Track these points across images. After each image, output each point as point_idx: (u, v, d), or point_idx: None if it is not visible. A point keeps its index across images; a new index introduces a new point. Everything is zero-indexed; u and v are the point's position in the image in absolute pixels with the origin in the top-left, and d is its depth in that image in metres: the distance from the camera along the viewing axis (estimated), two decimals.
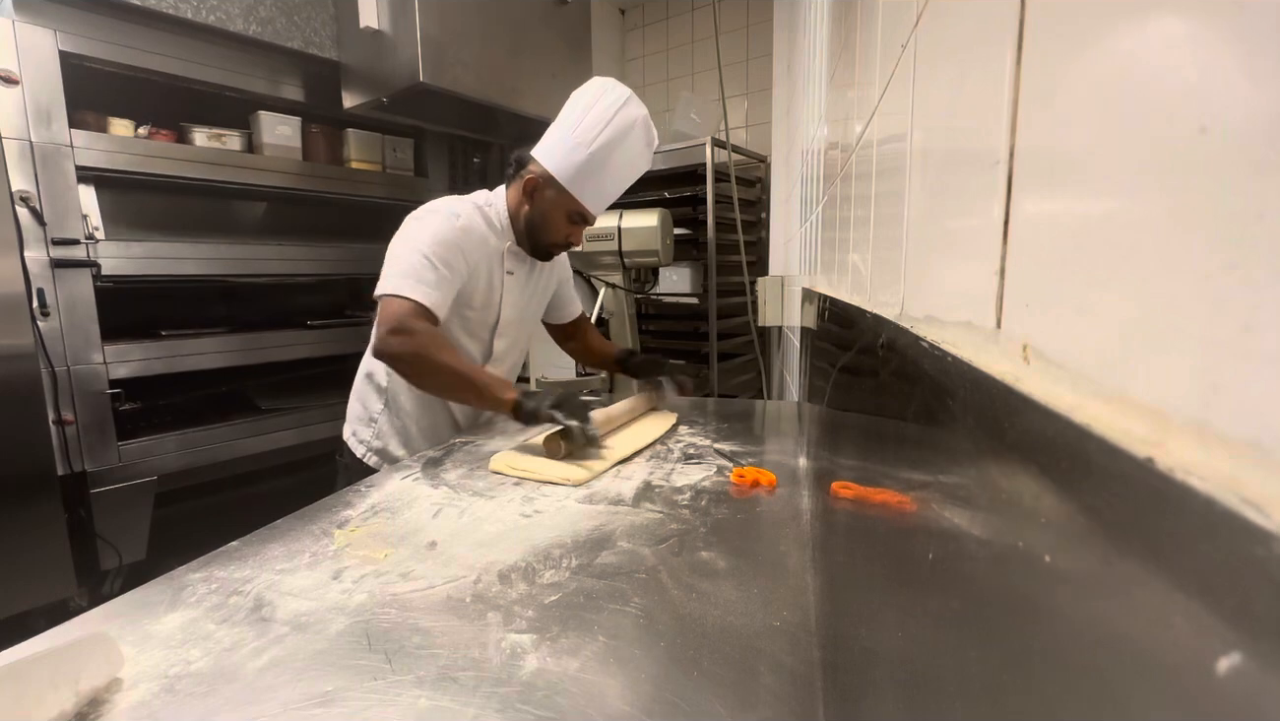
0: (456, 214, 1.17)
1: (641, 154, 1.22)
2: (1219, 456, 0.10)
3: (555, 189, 1.18)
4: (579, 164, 1.16)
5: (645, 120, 1.19)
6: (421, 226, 1.15)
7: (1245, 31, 0.10)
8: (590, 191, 1.19)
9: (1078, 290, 0.16)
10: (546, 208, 1.21)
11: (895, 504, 0.33)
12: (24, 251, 1.53)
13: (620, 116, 1.15)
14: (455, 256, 1.14)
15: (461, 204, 1.21)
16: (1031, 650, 0.16)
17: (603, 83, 1.20)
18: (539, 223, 1.23)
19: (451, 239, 1.14)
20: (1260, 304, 0.10)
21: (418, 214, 1.19)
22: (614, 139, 1.15)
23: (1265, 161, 0.10)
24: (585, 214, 1.22)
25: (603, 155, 1.16)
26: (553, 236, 1.24)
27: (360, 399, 1.32)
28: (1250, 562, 0.09)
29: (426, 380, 1.13)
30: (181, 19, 1.83)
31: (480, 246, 1.19)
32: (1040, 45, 0.19)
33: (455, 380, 1.10)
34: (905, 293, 0.35)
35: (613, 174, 1.20)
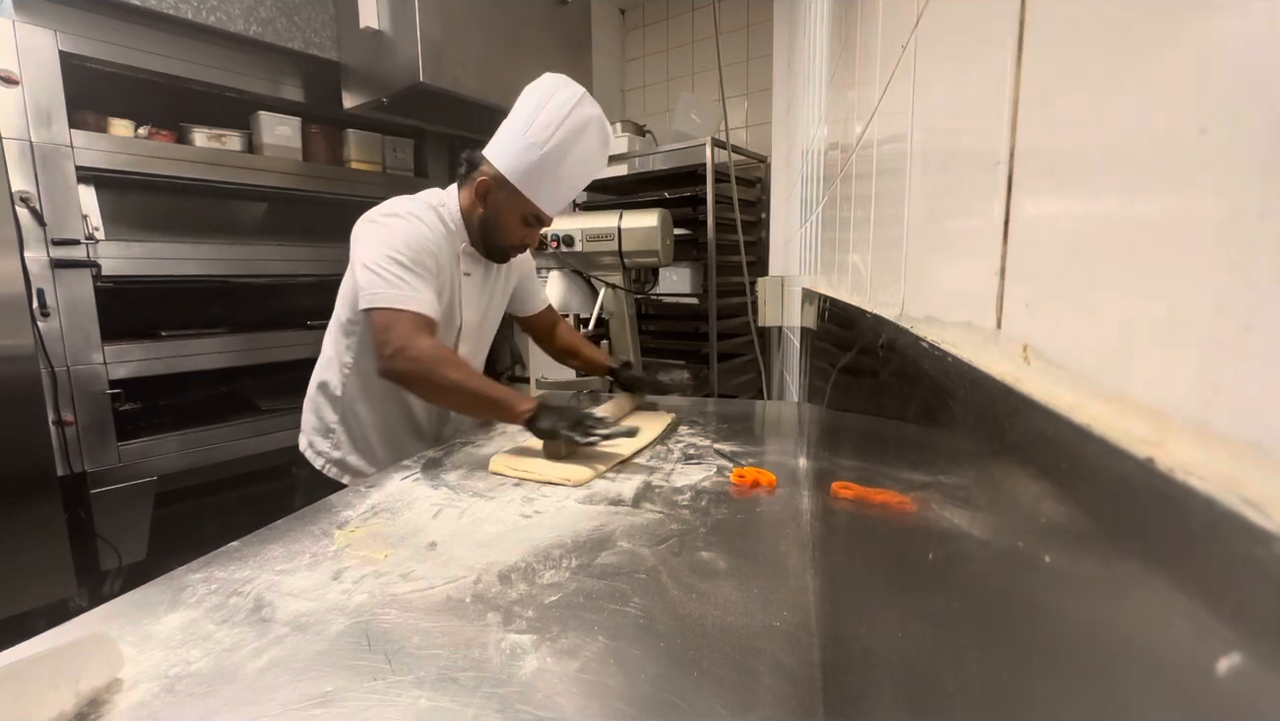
0: (417, 215, 1.14)
1: (596, 154, 1.18)
2: (1219, 456, 0.10)
3: (508, 191, 1.15)
4: (532, 165, 1.12)
5: (600, 120, 1.16)
6: (389, 231, 1.11)
7: (1245, 31, 0.10)
8: (545, 193, 1.16)
9: (1078, 290, 0.16)
10: (500, 210, 1.17)
11: (895, 504, 0.33)
12: (24, 251, 1.54)
13: (574, 116, 1.12)
14: (428, 258, 1.12)
15: (416, 204, 1.18)
16: (1032, 650, 0.16)
17: (554, 80, 1.15)
18: (493, 225, 1.20)
19: (420, 241, 1.11)
20: (1260, 304, 0.10)
21: (376, 217, 1.14)
22: (568, 139, 1.12)
23: (1265, 161, 0.10)
24: (540, 216, 1.19)
25: (557, 156, 1.12)
26: (508, 238, 1.21)
27: (315, 409, 1.27)
28: (1250, 562, 0.09)
29: (438, 397, 1.11)
30: (181, 19, 1.84)
31: (440, 248, 1.16)
32: (1040, 45, 0.19)
33: (469, 397, 1.07)
34: (905, 293, 0.35)
35: (567, 175, 1.16)
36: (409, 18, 1.80)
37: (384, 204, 1.17)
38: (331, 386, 1.23)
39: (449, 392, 1.06)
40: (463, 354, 1.27)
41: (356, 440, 1.24)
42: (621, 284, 1.72)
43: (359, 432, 1.23)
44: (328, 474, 1.23)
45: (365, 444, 1.24)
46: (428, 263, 1.11)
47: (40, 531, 1.56)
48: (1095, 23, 0.16)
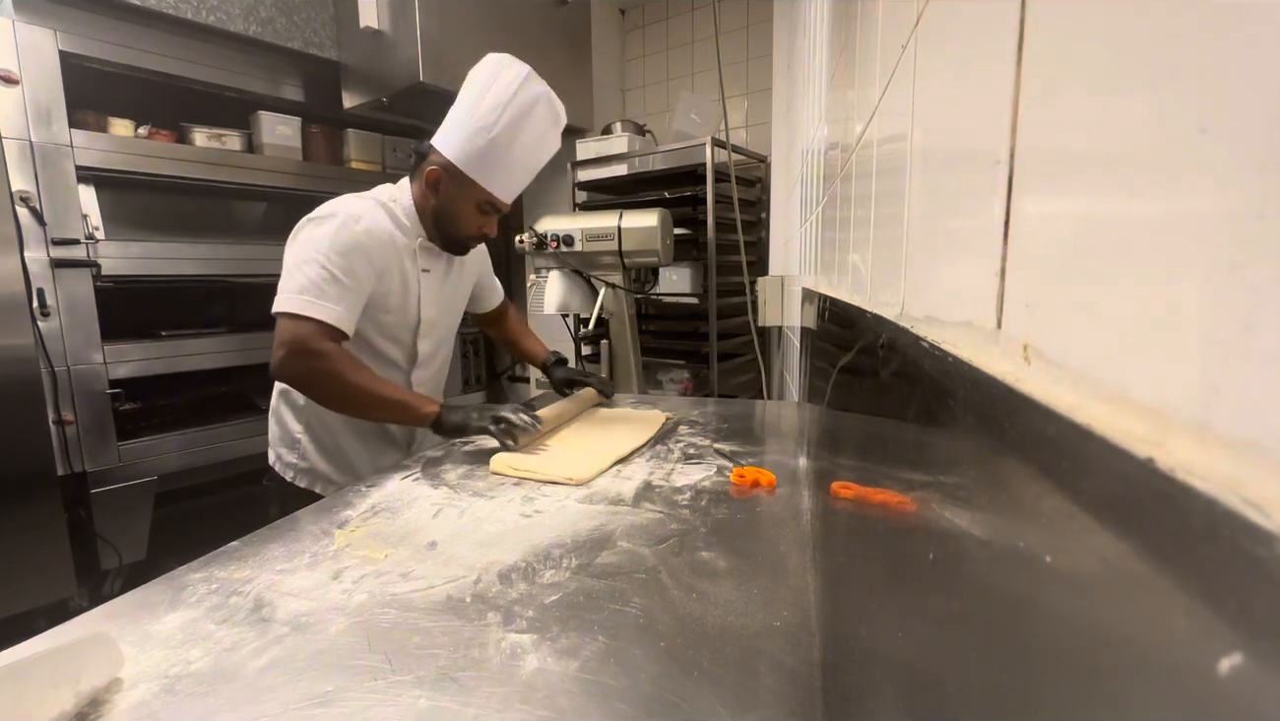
0: (356, 216, 1.08)
1: (548, 133, 1.14)
2: (1219, 456, 0.10)
3: (460, 179, 1.11)
4: (481, 150, 1.08)
5: (548, 96, 1.11)
6: (319, 234, 1.05)
7: (1246, 31, 0.10)
8: (498, 178, 1.12)
9: (1078, 290, 0.16)
10: (453, 199, 1.13)
11: (895, 504, 0.33)
12: (24, 251, 1.54)
13: (521, 95, 1.07)
14: (359, 263, 1.06)
15: (361, 203, 1.12)
16: (1032, 650, 0.16)
17: (498, 60, 1.10)
18: (447, 216, 1.15)
19: (352, 244, 1.05)
20: (1260, 304, 0.10)
21: (314, 216, 1.09)
22: (516, 120, 1.07)
23: (1265, 161, 0.10)
24: (495, 202, 1.15)
25: (506, 139, 1.08)
26: (464, 229, 1.17)
27: (278, 420, 1.23)
28: (1250, 562, 0.09)
29: (336, 403, 1.07)
30: (181, 19, 1.84)
31: (387, 247, 1.11)
32: (1040, 45, 0.19)
33: (368, 400, 1.03)
34: (905, 293, 0.35)
35: (519, 158, 1.12)
36: (409, 17, 1.80)
37: (327, 202, 1.11)
38: (293, 394, 1.19)
39: (349, 395, 1.03)
40: (424, 351, 1.23)
41: (325, 447, 1.20)
42: (621, 284, 1.72)
43: (327, 440, 1.19)
44: (298, 484, 1.19)
45: (335, 450, 1.20)
46: (357, 269, 1.06)
47: (40, 531, 1.56)
48: (1095, 22, 0.16)
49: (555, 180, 2.74)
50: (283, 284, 1.04)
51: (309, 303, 1.01)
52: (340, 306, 1.03)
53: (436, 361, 1.30)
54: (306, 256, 1.04)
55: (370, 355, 1.15)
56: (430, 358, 1.26)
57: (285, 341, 1.01)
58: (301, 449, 1.19)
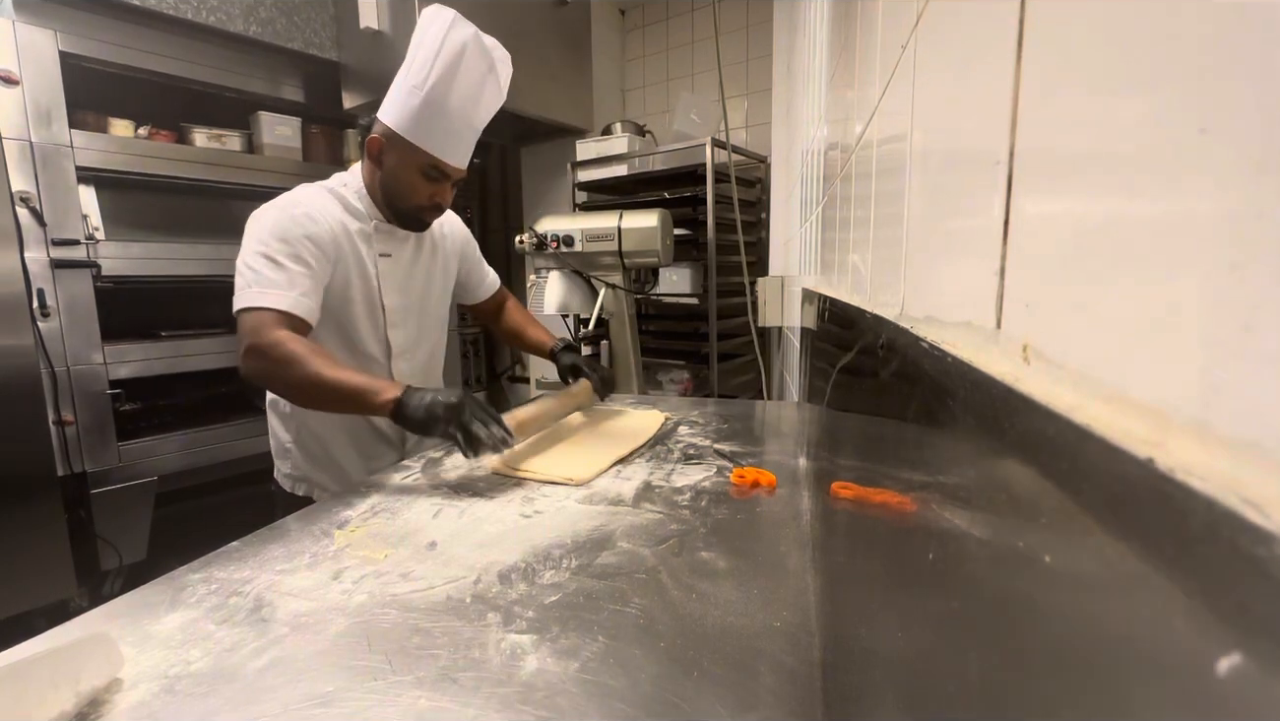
0: (295, 201, 1.04)
1: (486, 80, 1.05)
2: (1219, 456, 0.10)
3: (399, 145, 1.05)
4: (415, 110, 1.02)
5: (476, 38, 1.01)
6: (259, 225, 1.02)
7: (1246, 31, 0.10)
8: (436, 138, 1.04)
9: (1078, 290, 0.16)
10: (397, 169, 1.07)
11: (895, 504, 0.33)
12: (24, 252, 1.54)
13: (448, 45, 0.99)
14: (302, 247, 1.01)
15: (303, 190, 1.08)
16: (1032, 650, 0.16)
17: (427, 13, 1.02)
18: (393, 187, 1.09)
19: (292, 229, 1.01)
20: (1260, 304, 0.10)
21: (257, 211, 1.05)
22: (447, 72, 1.00)
23: (1265, 161, 0.10)
24: (440, 165, 1.07)
25: (439, 94, 1.00)
26: (413, 199, 1.10)
27: (272, 430, 1.20)
28: (1250, 562, 0.09)
29: (298, 395, 1.00)
30: (181, 19, 1.84)
31: (335, 232, 1.06)
32: (1040, 45, 0.19)
33: (323, 390, 0.94)
34: (905, 293, 0.35)
35: (457, 111, 1.04)
36: (409, 18, 1.80)
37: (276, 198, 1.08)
38: (280, 404, 1.16)
39: (301, 387, 0.95)
40: (398, 342, 1.18)
41: (314, 456, 1.16)
42: (621, 284, 1.72)
43: (315, 448, 1.16)
44: (297, 492, 1.17)
45: (325, 458, 1.16)
46: (302, 252, 1.01)
47: (40, 531, 1.56)
48: (1095, 22, 0.16)
49: (555, 181, 2.75)
50: (236, 281, 1.00)
51: (257, 293, 0.97)
52: (291, 291, 0.98)
53: (421, 353, 1.24)
54: (248, 250, 1.00)
55: (349, 350, 1.12)
56: (409, 348, 1.21)
57: (241, 336, 0.97)
58: (293, 458, 1.17)
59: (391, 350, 1.17)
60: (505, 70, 1.09)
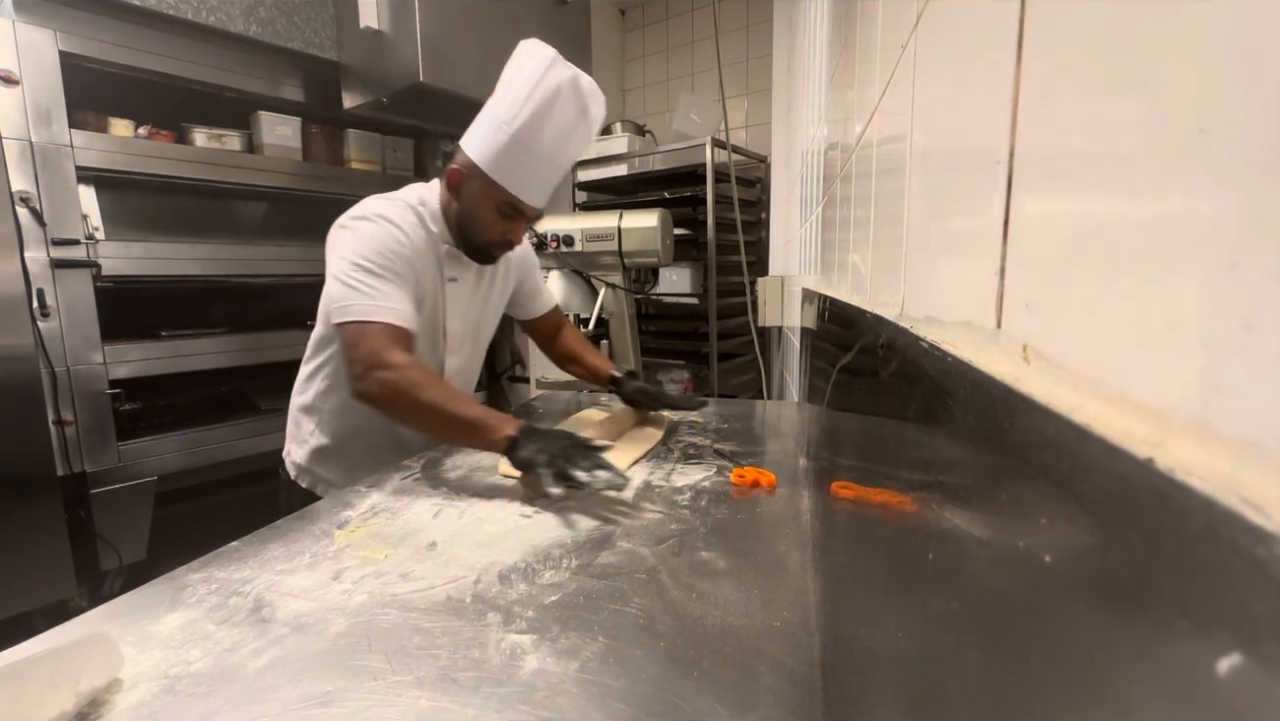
0: (387, 217, 1.03)
1: (577, 125, 1.02)
2: (1219, 456, 0.10)
3: (480, 179, 1.02)
4: (502, 147, 0.99)
5: (574, 83, 0.99)
6: (357, 237, 1.01)
7: (1245, 31, 0.10)
8: (518, 178, 1.02)
9: (1078, 290, 0.16)
10: (474, 202, 1.05)
11: (895, 504, 0.33)
12: (24, 251, 1.54)
13: (544, 84, 0.96)
14: (401, 264, 1.01)
15: (391, 205, 1.06)
16: (1031, 650, 0.16)
17: (525, 47, 1.00)
18: (468, 220, 1.07)
19: (392, 246, 1.01)
20: (1260, 304, 0.10)
21: (346, 222, 1.04)
22: (539, 112, 0.97)
23: (1265, 161, 0.10)
24: (518, 205, 1.04)
25: (528, 134, 0.98)
26: (486, 234, 1.08)
27: (294, 417, 1.20)
28: (1250, 562, 0.09)
29: (411, 421, 0.99)
30: (181, 19, 1.84)
31: (419, 251, 1.05)
32: (1040, 45, 0.19)
33: (441, 419, 0.94)
34: (905, 293, 0.35)
35: (544, 154, 1.01)
36: (409, 18, 1.80)
37: (357, 205, 1.06)
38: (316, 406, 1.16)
39: (422, 416, 0.95)
40: (451, 367, 1.17)
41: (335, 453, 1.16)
42: (621, 284, 1.72)
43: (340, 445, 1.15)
44: (301, 483, 1.18)
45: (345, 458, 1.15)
46: (400, 269, 1.01)
47: (40, 531, 1.56)
48: (1095, 23, 0.16)
49: None
50: (335, 292, 0.98)
51: (369, 306, 0.95)
52: (400, 304, 0.98)
53: (462, 377, 1.23)
54: (350, 260, 0.98)
55: None
56: (456, 373, 1.20)
57: (358, 359, 0.94)
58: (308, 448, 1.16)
59: (445, 373, 1.16)
60: (599, 113, 1.06)
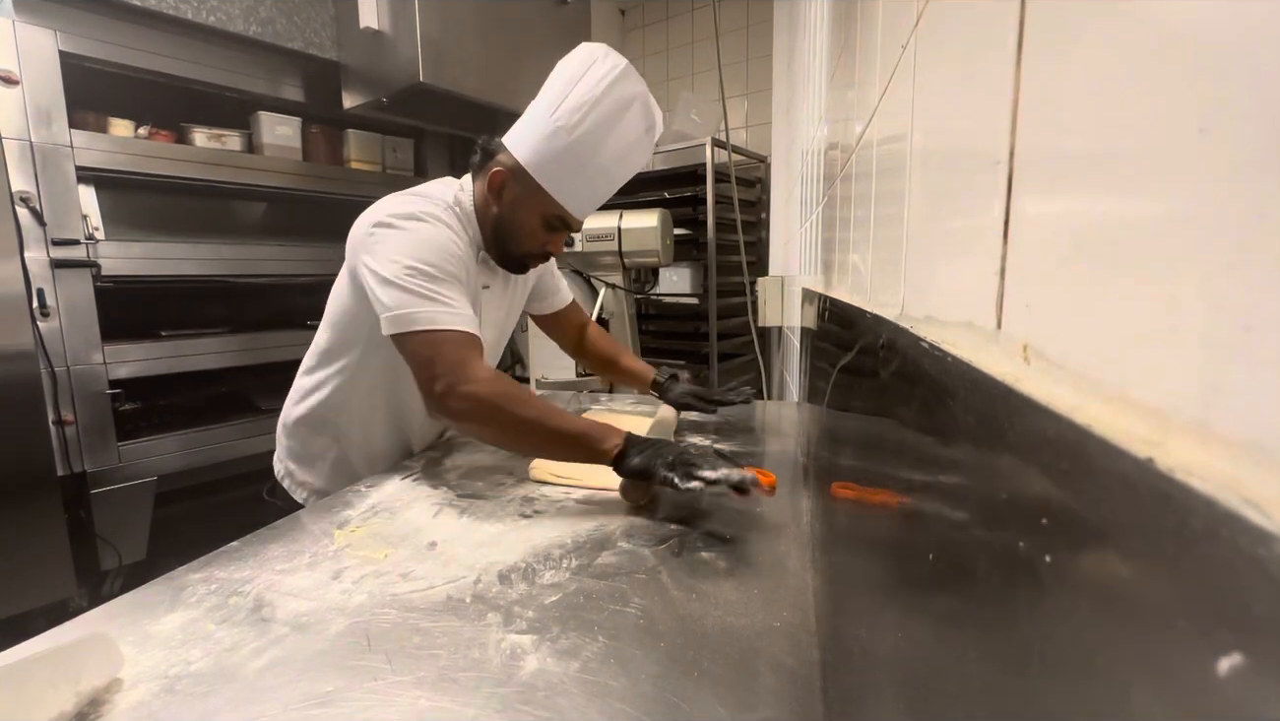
0: (440, 218, 0.94)
1: (640, 142, 0.95)
2: (1219, 456, 0.10)
3: (528, 186, 0.94)
4: (558, 154, 0.91)
5: (645, 98, 0.93)
6: (413, 237, 0.91)
7: (1245, 31, 0.10)
8: (572, 190, 0.94)
9: (1078, 290, 0.16)
10: (518, 209, 0.96)
11: (895, 504, 0.33)
12: (24, 251, 1.54)
13: (614, 95, 0.90)
14: (460, 269, 0.92)
15: (434, 204, 0.96)
16: (1032, 650, 0.16)
17: (591, 50, 0.92)
18: (508, 229, 0.98)
19: (451, 249, 0.92)
20: (1260, 304, 0.10)
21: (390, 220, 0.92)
22: (604, 123, 0.90)
23: (1265, 161, 0.10)
24: (567, 219, 0.97)
25: (589, 145, 0.90)
26: (525, 245, 1.00)
27: (296, 437, 1.09)
28: (1250, 562, 0.09)
29: (506, 440, 0.90)
30: (181, 19, 1.84)
31: (462, 257, 0.96)
32: (1040, 45, 0.19)
33: (546, 436, 0.85)
34: (905, 293, 0.35)
35: (602, 168, 0.94)
36: (409, 18, 1.80)
37: (394, 201, 0.95)
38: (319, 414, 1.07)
39: (520, 434, 0.86)
40: None
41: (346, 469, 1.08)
42: (621, 284, 1.72)
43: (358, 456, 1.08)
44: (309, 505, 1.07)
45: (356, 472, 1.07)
46: (460, 274, 0.92)
47: (40, 531, 1.56)
48: (1095, 22, 0.16)
49: None
50: (392, 299, 0.86)
51: (441, 314, 0.86)
52: (468, 309, 0.89)
53: None
54: (407, 263, 0.87)
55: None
56: None
57: (440, 374, 0.84)
58: (320, 469, 1.08)
59: None
60: (659, 132, 0.99)
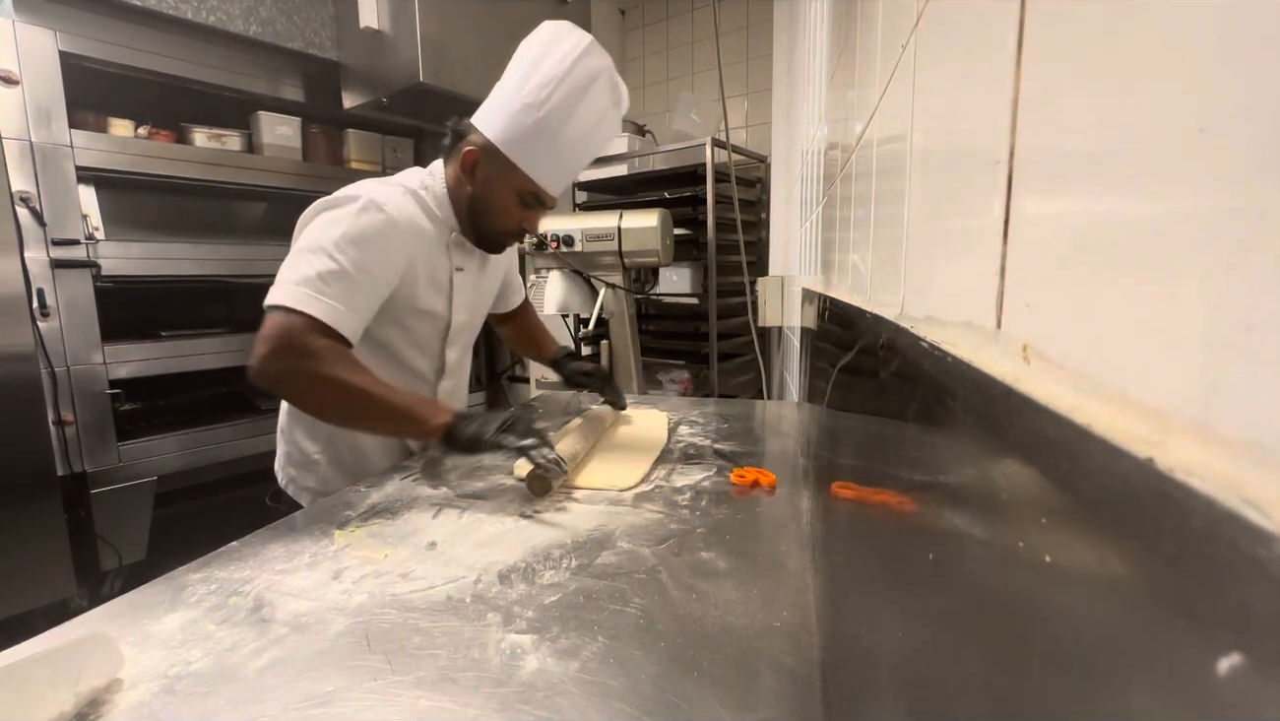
0: (379, 203, 0.92)
1: (607, 116, 0.98)
2: (1219, 456, 0.10)
3: (500, 164, 0.96)
4: (528, 131, 0.93)
5: (610, 73, 0.96)
6: (332, 221, 0.90)
7: (1245, 31, 0.10)
8: (544, 166, 0.96)
9: (1078, 290, 0.16)
10: (491, 187, 0.98)
11: (895, 504, 0.33)
12: (24, 251, 1.54)
13: (579, 70, 0.92)
14: (375, 259, 0.91)
15: (386, 189, 0.96)
16: (1032, 650, 0.16)
17: (555, 28, 0.96)
18: (484, 207, 0.99)
19: (371, 235, 0.90)
20: (1260, 304, 0.10)
21: (332, 199, 0.93)
22: (571, 98, 0.92)
23: (1265, 161, 0.10)
24: (540, 194, 0.99)
25: (557, 120, 0.93)
26: (502, 223, 1.01)
27: (290, 440, 1.09)
28: (1250, 562, 0.09)
29: (329, 412, 0.91)
30: (181, 19, 1.84)
31: (414, 241, 0.96)
32: (1040, 45, 0.19)
33: (369, 408, 0.86)
34: (905, 293, 0.35)
35: (572, 143, 0.96)
36: (409, 18, 1.80)
37: (350, 185, 0.96)
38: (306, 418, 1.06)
39: (341, 403, 0.87)
40: (451, 359, 1.10)
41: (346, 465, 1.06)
42: (621, 284, 1.72)
43: (349, 457, 1.06)
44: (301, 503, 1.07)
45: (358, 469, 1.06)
46: (374, 264, 0.91)
47: (40, 531, 1.56)
48: (1095, 22, 0.16)
49: None
50: (282, 273, 0.89)
51: (307, 296, 0.86)
52: (344, 306, 0.88)
53: (461, 370, 1.17)
54: (315, 244, 0.89)
55: (395, 368, 1.03)
56: (456, 366, 1.14)
57: (269, 337, 0.84)
58: (320, 471, 1.07)
59: (445, 367, 1.10)
60: (626, 106, 1.01)
